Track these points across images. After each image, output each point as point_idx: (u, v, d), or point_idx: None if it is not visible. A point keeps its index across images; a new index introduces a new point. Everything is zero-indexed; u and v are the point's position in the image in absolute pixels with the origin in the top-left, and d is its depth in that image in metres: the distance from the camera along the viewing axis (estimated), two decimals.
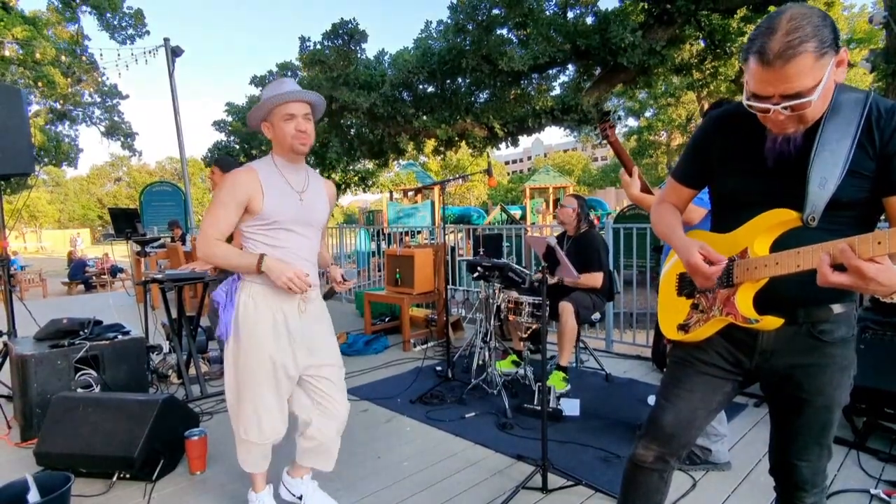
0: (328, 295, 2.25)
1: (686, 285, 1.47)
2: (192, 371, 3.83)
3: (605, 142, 2.23)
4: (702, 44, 10.96)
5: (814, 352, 1.31)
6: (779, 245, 1.24)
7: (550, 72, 11.31)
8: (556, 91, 11.80)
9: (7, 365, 3.32)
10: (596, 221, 4.33)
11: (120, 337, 3.36)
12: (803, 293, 1.24)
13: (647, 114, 25.71)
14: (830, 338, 1.30)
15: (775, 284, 1.24)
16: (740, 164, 1.33)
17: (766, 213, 1.24)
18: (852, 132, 1.17)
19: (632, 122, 26.88)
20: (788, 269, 1.16)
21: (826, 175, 1.17)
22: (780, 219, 1.22)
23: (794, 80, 1.08)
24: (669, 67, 10.45)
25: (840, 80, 1.17)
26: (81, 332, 3.31)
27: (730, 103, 1.51)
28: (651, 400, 3.42)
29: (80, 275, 12.34)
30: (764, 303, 1.27)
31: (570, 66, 11.14)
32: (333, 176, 18.64)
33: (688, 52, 11.36)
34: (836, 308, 1.28)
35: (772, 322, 1.25)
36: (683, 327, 1.45)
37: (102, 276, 12.49)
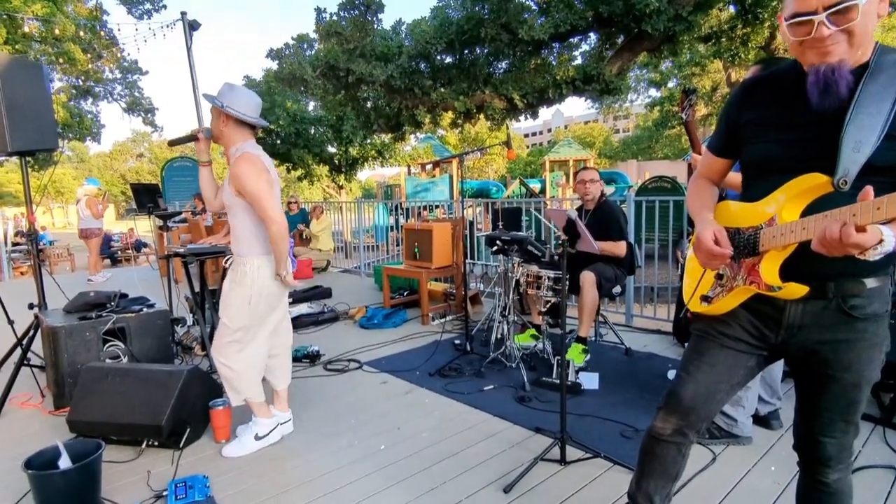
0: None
1: None
2: None
3: (681, 120, 2.16)
4: (731, 9, 10.52)
5: (843, 327, 1.26)
6: (810, 212, 1.18)
7: (572, 40, 11.00)
8: (578, 61, 11.49)
9: (39, 336, 3.42)
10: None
11: (145, 310, 3.44)
12: (834, 265, 1.17)
13: (671, 84, 24.99)
14: (861, 313, 1.24)
15: (804, 257, 1.19)
16: (769, 131, 1.28)
17: (796, 178, 1.19)
18: (893, 94, 1.11)
19: (654, 93, 26.15)
20: (816, 233, 1.10)
21: (861, 138, 1.11)
22: (810, 184, 1.17)
23: None
24: (696, 35, 10.07)
25: (882, 14, 1.11)
26: (108, 305, 3.39)
27: (779, 61, 1.45)
28: (671, 374, 3.39)
29: (106, 250, 12.62)
30: (793, 276, 1.23)
31: (593, 35, 10.82)
32: (351, 150, 18.60)
33: (716, 17, 10.91)
34: (870, 282, 1.23)
35: (796, 290, 1.21)
36: (707, 299, 1.42)
37: (127, 251, 12.75)
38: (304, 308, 5.31)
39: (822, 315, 1.26)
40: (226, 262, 2.62)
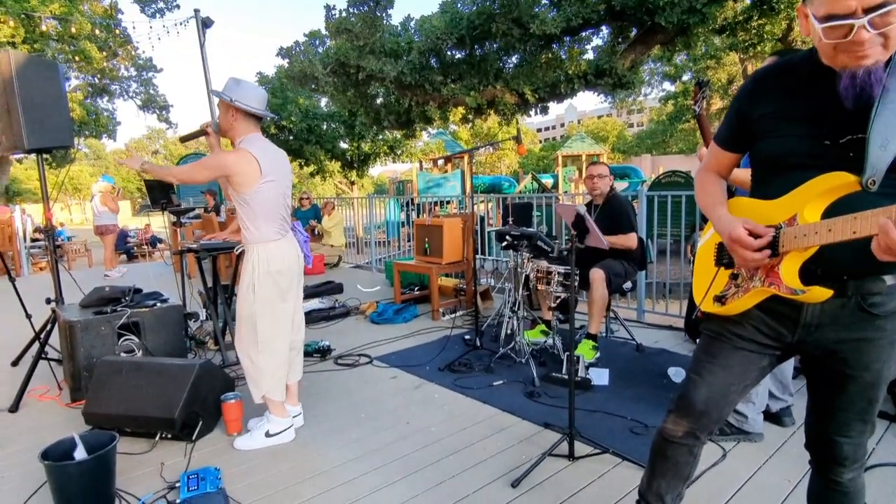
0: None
1: (725, 255, 1.40)
2: (228, 338, 3.95)
3: (694, 113, 2.14)
4: (747, 0, 10.34)
5: (863, 325, 1.23)
6: (832, 212, 1.14)
7: (584, 34, 10.88)
8: (590, 55, 11.38)
9: (56, 330, 3.48)
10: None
11: (159, 305, 3.48)
12: (856, 264, 1.12)
13: (685, 77, 24.69)
14: (881, 311, 1.21)
15: (825, 255, 1.16)
16: (785, 124, 1.24)
17: (820, 176, 1.14)
18: None
19: (668, 87, 25.84)
20: (843, 235, 1.06)
21: (889, 135, 1.07)
22: (835, 182, 1.12)
23: None
24: (711, 27, 9.90)
25: None
26: (123, 300, 3.44)
27: (795, 52, 1.40)
28: (671, 372, 3.36)
29: (122, 245, 12.82)
30: (811, 275, 1.19)
31: (605, 28, 10.69)
32: (363, 146, 18.64)
33: (731, 9, 10.72)
34: (889, 279, 1.19)
35: (820, 293, 1.16)
36: (720, 299, 1.39)
37: (142, 247, 12.93)
38: (315, 303, 5.35)
39: (841, 313, 1.23)
40: (236, 251, 2.82)
